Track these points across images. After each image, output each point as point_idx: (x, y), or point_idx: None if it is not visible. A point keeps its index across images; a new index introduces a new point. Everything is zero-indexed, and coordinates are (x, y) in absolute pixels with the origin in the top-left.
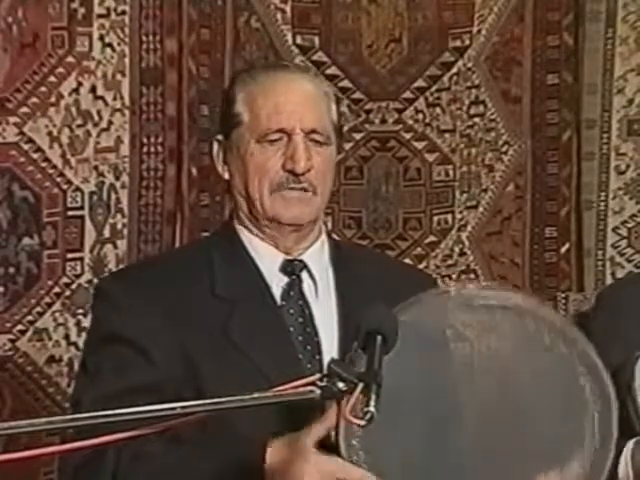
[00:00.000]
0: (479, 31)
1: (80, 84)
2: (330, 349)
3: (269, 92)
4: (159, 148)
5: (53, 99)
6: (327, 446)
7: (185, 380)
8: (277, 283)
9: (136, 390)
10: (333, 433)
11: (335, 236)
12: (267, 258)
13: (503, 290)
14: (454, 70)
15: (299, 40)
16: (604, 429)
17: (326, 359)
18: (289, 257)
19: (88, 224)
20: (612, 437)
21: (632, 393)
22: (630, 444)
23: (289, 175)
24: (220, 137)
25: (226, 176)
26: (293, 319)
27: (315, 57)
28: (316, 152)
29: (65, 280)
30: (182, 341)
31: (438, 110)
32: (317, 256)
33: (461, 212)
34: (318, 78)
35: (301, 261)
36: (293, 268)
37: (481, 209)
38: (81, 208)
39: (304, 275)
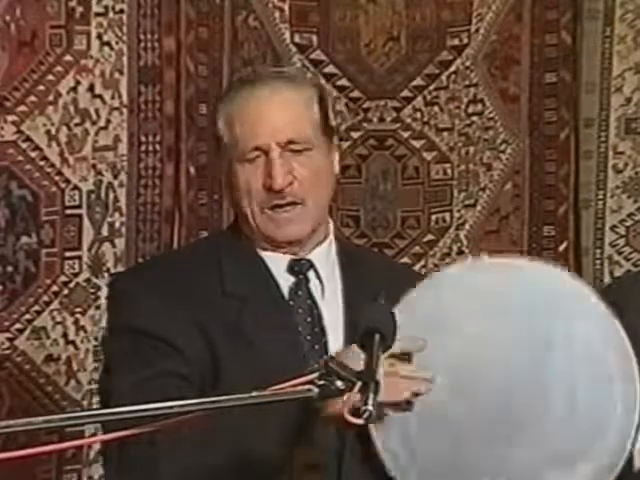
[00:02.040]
0: (477, 30)
1: (78, 83)
2: (337, 349)
3: (244, 111)
4: (157, 147)
5: (51, 97)
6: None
7: (209, 367)
8: (284, 282)
9: (166, 374)
10: None
11: None
12: (274, 258)
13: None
14: (452, 69)
15: (297, 39)
16: (628, 401)
17: None
18: (296, 257)
19: (86, 223)
20: (636, 409)
21: None
22: None
23: (270, 193)
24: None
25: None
26: (301, 318)
27: (313, 55)
28: (297, 162)
29: (63, 279)
30: (202, 329)
31: (436, 109)
32: (324, 256)
33: (459, 211)
34: (297, 81)
35: (308, 260)
36: (300, 267)
37: (479, 208)
38: (79, 207)
39: (311, 275)
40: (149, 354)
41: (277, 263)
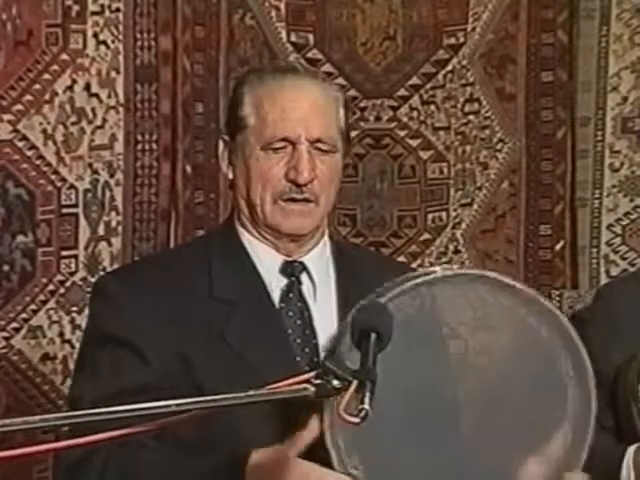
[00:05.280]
0: (474, 29)
1: (74, 81)
2: None
3: (276, 97)
4: (153, 146)
5: (47, 96)
6: (315, 455)
7: (183, 381)
8: (276, 284)
9: (134, 391)
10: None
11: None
12: (267, 259)
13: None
14: (449, 68)
15: (293, 37)
16: (583, 405)
17: None
18: (289, 259)
19: (82, 222)
20: (591, 413)
21: (636, 397)
22: (631, 449)
23: (292, 185)
24: (226, 137)
25: (230, 176)
26: (292, 321)
27: (309, 54)
28: (320, 161)
29: (59, 278)
30: (180, 342)
31: (433, 108)
32: (317, 258)
33: (455, 210)
34: (327, 83)
35: (301, 263)
36: (292, 270)
37: (475, 207)
38: (75, 206)
39: (303, 277)
40: (120, 365)
41: (269, 264)
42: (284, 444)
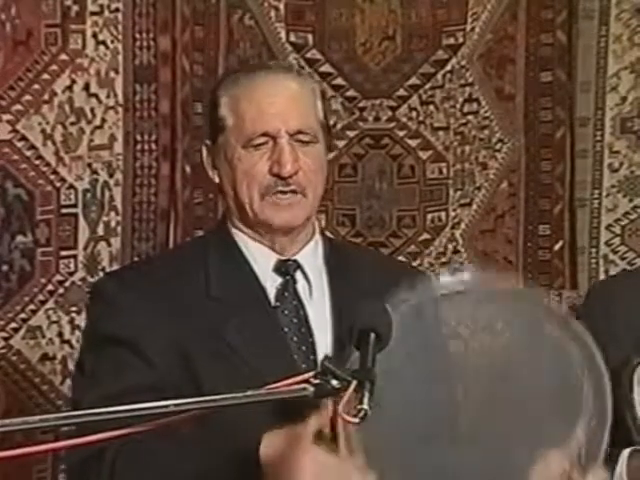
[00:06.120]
0: (473, 29)
1: (73, 82)
2: (325, 349)
3: (252, 95)
4: (153, 146)
5: (46, 97)
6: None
7: (184, 380)
8: (271, 284)
9: (135, 391)
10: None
11: (329, 234)
12: (261, 259)
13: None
14: (448, 68)
15: (293, 38)
16: (599, 400)
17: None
18: (283, 257)
19: (82, 222)
20: (607, 406)
21: (630, 403)
22: (625, 453)
23: (276, 179)
24: (208, 142)
25: (216, 180)
26: (288, 320)
27: (309, 55)
28: (303, 152)
29: (59, 278)
30: (179, 341)
31: (432, 108)
32: (311, 256)
33: (455, 210)
34: (302, 76)
35: (295, 261)
36: (287, 268)
37: (475, 207)
38: (74, 206)
39: (298, 275)
40: (121, 366)
41: (264, 263)
42: (297, 426)
